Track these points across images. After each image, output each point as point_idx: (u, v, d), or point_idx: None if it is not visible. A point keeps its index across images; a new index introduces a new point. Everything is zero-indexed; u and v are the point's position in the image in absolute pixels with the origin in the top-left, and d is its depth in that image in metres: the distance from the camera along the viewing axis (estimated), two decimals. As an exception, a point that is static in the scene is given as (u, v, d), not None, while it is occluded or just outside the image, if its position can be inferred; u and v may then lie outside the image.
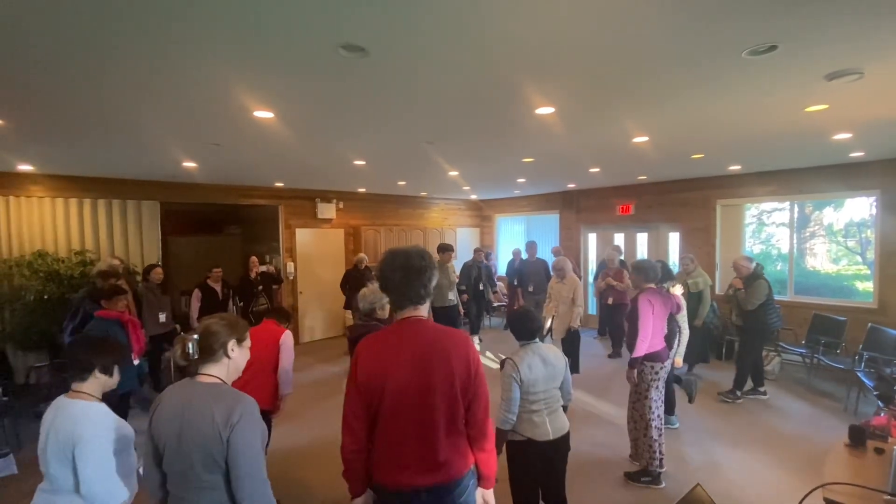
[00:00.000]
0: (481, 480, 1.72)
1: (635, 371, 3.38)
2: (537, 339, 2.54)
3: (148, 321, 5.16)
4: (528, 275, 7.45)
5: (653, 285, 3.51)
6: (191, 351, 1.56)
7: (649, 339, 3.34)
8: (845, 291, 6.59)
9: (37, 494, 1.81)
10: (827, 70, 2.47)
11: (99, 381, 1.89)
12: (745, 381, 4.87)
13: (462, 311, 6.69)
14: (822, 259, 7.06)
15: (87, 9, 1.71)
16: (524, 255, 7.85)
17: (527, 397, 2.38)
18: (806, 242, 7.02)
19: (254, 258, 6.38)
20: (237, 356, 1.64)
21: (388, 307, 3.07)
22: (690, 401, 4.22)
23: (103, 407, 1.85)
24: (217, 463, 1.46)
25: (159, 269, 5.42)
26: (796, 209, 6.50)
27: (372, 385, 1.56)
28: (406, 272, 1.61)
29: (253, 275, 6.25)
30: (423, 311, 1.68)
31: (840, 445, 2.42)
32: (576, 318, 5.02)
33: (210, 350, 1.58)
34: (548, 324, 5.09)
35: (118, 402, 2.85)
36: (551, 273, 5.49)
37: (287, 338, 3.18)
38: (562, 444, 2.45)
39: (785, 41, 2.08)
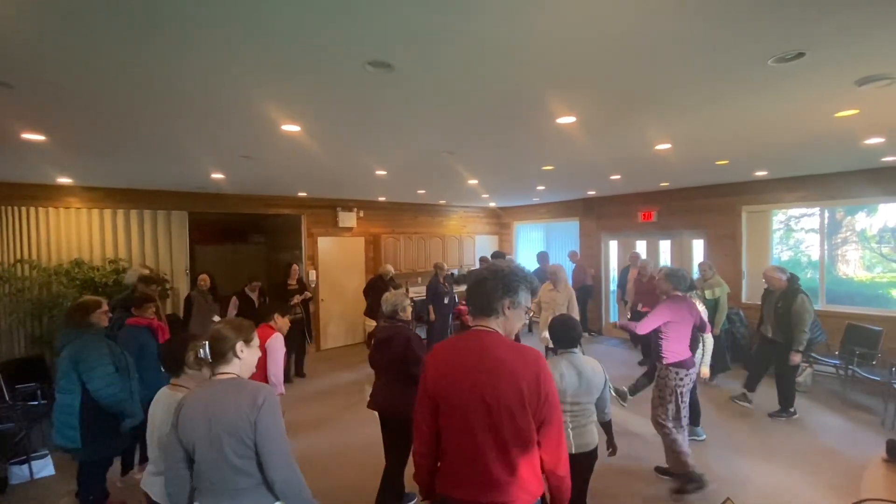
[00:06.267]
0: (554, 502, 1.66)
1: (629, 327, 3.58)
2: (576, 350, 2.48)
3: (198, 326, 5.32)
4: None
5: (679, 293, 3.49)
6: (203, 355, 1.71)
7: (647, 330, 3.42)
8: (881, 300, 6.33)
9: (144, 476, 2.09)
10: (857, 76, 2.42)
11: (193, 376, 2.13)
12: (793, 396, 4.65)
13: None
14: (854, 266, 6.80)
15: (123, 29, 1.81)
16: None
17: None
18: (837, 249, 6.78)
19: (294, 266, 6.38)
20: (247, 356, 1.77)
21: (409, 309, 3.22)
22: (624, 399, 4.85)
23: None
24: (248, 446, 1.57)
25: (205, 276, 5.64)
26: (826, 215, 6.32)
27: (440, 390, 1.57)
28: (474, 283, 1.64)
29: (293, 282, 6.26)
30: (494, 324, 1.62)
31: (878, 460, 2.34)
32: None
33: (221, 353, 1.71)
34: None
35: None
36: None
37: (274, 341, 3.17)
38: (585, 459, 2.40)
39: (812, 48, 2.06)
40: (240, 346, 1.74)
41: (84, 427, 2.84)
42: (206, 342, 1.71)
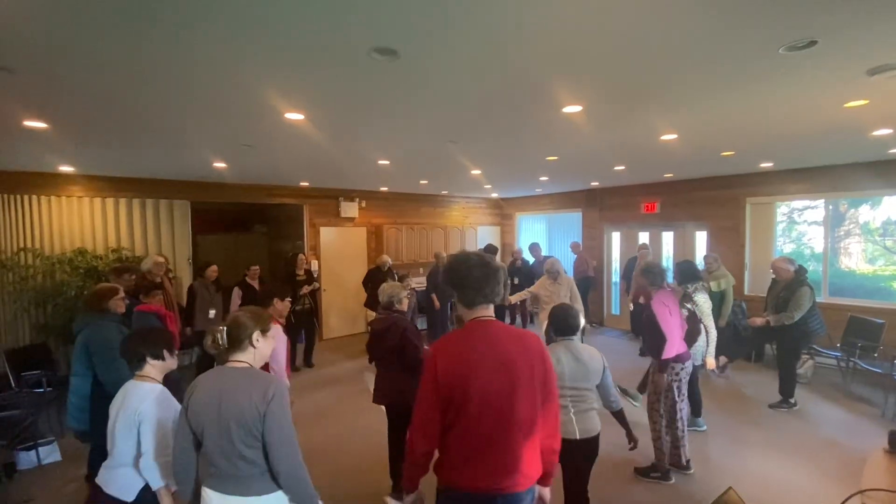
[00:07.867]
0: (543, 478, 1.70)
1: (665, 375, 3.35)
2: (573, 337, 2.54)
3: (199, 316, 5.33)
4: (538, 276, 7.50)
5: (663, 287, 3.50)
6: (221, 341, 1.72)
7: (676, 340, 3.33)
8: (883, 293, 6.33)
9: (101, 471, 2.01)
10: (868, 65, 2.39)
11: (155, 367, 2.09)
12: (794, 386, 4.65)
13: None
14: (857, 259, 6.78)
15: (128, 15, 1.79)
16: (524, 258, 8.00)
17: None
18: (840, 241, 6.76)
19: (301, 256, 6.32)
20: (262, 345, 1.79)
21: (405, 301, 3.27)
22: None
23: (163, 390, 2.06)
24: (255, 437, 1.60)
25: (214, 267, 5.58)
26: (830, 207, 6.29)
27: (454, 385, 1.51)
28: (484, 269, 1.62)
29: (301, 272, 6.22)
30: (492, 311, 1.67)
31: (879, 452, 2.35)
32: (582, 318, 5.12)
33: (238, 340, 1.73)
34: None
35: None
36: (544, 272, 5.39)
37: (274, 330, 3.19)
38: (589, 445, 2.44)
39: (825, 36, 2.03)
40: (256, 335, 1.75)
41: (94, 410, 2.89)
42: (224, 328, 1.73)
